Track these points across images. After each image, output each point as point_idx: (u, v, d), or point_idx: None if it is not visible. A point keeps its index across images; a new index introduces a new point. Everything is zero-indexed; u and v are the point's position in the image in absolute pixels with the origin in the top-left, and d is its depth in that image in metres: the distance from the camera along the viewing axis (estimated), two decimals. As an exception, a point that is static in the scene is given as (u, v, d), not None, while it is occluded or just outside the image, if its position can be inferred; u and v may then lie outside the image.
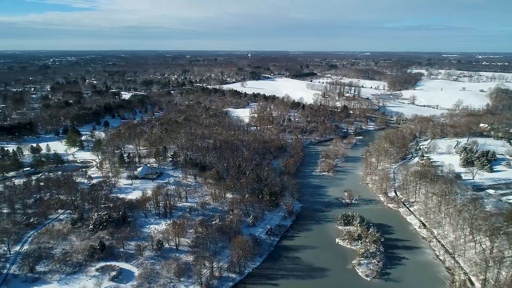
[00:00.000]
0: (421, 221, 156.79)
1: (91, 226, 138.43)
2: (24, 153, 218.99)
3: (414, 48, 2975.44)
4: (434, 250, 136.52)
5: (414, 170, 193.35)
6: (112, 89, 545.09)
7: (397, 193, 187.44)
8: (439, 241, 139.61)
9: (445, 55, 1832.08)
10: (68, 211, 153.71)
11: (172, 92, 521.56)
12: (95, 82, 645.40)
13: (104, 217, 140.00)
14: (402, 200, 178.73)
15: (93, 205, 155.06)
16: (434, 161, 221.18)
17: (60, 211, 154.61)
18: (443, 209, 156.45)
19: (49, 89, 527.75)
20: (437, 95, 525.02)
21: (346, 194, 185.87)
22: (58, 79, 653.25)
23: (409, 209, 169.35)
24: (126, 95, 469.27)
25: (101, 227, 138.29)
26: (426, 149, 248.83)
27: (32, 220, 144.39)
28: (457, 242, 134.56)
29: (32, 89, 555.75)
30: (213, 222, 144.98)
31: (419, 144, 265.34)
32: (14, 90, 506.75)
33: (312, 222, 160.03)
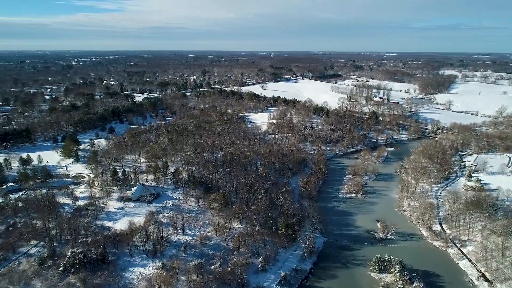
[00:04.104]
0: (479, 270, 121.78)
1: (61, 268, 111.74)
2: (12, 165, 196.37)
3: (442, 48, 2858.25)
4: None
5: (464, 197, 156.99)
6: (127, 90, 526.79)
7: (443, 226, 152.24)
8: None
9: (476, 56, 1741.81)
10: (42, 243, 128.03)
11: (188, 94, 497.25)
12: (112, 82, 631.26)
13: (78, 257, 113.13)
14: (451, 237, 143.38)
15: (71, 237, 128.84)
16: (485, 184, 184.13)
17: (32, 242, 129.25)
18: (509, 255, 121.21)
19: (62, 90, 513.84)
20: (475, 99, 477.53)
21: (379, 225, 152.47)
22: (76, 80, 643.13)
23: (461, 251, 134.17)
24: (139, 97, 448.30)
25: (73, 269, 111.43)
26: (473, 167, 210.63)
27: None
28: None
29: (49, 89, 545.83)
30: (212, 267, 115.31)
31: (464, 160, 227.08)
32: (30, 91, 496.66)
33: (338, 266, 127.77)
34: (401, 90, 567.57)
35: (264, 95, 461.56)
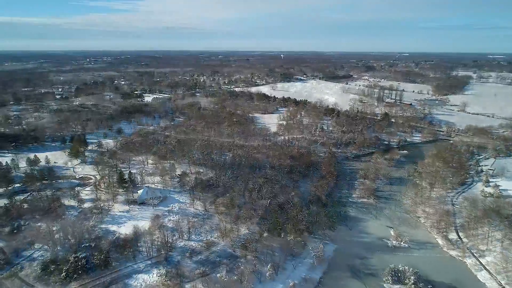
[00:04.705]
0: (500, 283, 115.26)
1: (63, 274, 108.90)
2: (20, 166, 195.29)
3: (455, 48, 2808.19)
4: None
5: (482, 204, 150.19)
6: (137, 90, 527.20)
7: (460, 234, 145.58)
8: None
9: (491, 56, 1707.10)
10: (45, 247, 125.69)
11: (197, 94, 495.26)
12: (122, 83, 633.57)
13: (81, 262, 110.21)
14: (468, 246, 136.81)
15: (74, 241, 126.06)
16: (504, 190, 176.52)
17: (36, 245, 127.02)
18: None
19: (73, 90, 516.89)
20: (491, 101, 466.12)
21: (392, 232, 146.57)
22: (86, 80, 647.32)
23: (479, 261, 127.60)
24: (149, 98, 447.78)
25: (75, 275, 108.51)
26: (490, 172, 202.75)
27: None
28: None
29: (60, 89, 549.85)
30: (218, 275, 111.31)
31: (480, 165, 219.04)
32: (41, 91, 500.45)
33: (349, 275, 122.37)
34: (413, 91, 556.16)
35: (274, 96, 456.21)
